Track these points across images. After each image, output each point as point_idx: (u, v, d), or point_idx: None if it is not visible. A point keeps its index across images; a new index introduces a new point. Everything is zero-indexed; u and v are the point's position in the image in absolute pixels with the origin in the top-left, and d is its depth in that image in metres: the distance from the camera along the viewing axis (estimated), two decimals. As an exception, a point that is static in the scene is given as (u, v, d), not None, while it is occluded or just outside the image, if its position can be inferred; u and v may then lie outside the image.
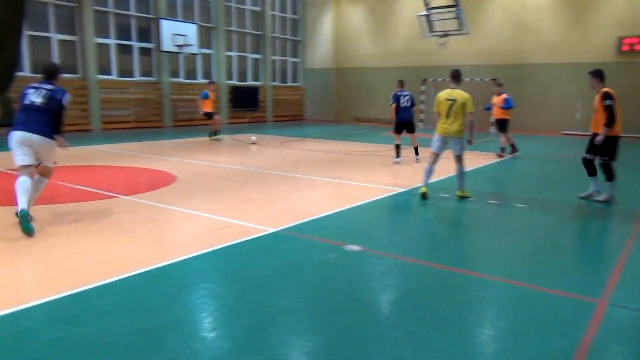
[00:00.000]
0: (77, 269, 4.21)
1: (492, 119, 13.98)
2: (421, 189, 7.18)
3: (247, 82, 23.42)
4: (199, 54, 20.49)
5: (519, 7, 20.11)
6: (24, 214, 5.05)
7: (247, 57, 23.33)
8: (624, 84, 15.50)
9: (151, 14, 18.97)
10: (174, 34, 18.79)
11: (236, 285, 3.99)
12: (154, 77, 19.34)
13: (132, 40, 18.64)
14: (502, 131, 12.10)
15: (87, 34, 16.86)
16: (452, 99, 7.02)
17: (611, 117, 6.63)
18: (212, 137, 14.73)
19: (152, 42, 19.14)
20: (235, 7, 22.38)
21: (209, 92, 14.60)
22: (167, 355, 2.88)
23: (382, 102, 23.31)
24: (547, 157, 12.71)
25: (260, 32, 23.59)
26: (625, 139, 7.65)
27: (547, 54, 19.49)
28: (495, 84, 12.79)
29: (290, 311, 3.51)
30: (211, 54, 21.51)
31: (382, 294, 3.94)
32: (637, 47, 17.70)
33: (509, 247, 5.21)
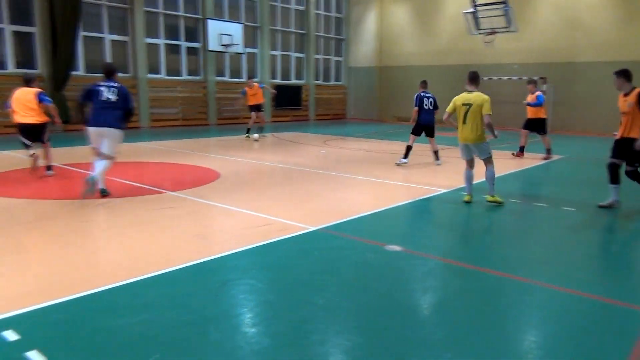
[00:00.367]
0: (124, 262, 4.38)
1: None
2: (464, 197, 6.85)
3: (290, 80, 23.61)
4: (244, 53, 20.81)
5: (570, 3, 19.40)
6: (93, 179, 6.39)
7: (290, 56, 23.52)
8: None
9: (199, 14, 19.41)
10: (220, 34, 19.17)
11: (276, 282, 4.05)
12: (200, 76, 19.78)
13: (180, 40, 19.14)
14: (542, 133, 11.41)
15: (137, 34, 17.42)
16: (468, 103, 6.61)
17: None
18: (248, 135, 14.96)
19: (199, 42, 19.58)
20: (280, 6, 22.59)
21: (246, 89, 14.92)
22: (208, 348, 2.96)
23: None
24: (597, 160, 12.22)
25: (304, 31, 23.73)
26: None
27: (599, 51, 18.72)
28: (528, 82, 11.91)
29: (329, 309, 3.53)
30: (256, 53, 21.80)
31: (422, 296, 3.91)
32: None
33: (554, 251, 5.05)
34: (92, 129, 6.62)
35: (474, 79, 6.76)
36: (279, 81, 22.93)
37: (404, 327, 3.29)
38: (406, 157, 10.18)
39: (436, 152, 10.43)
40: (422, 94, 10.29)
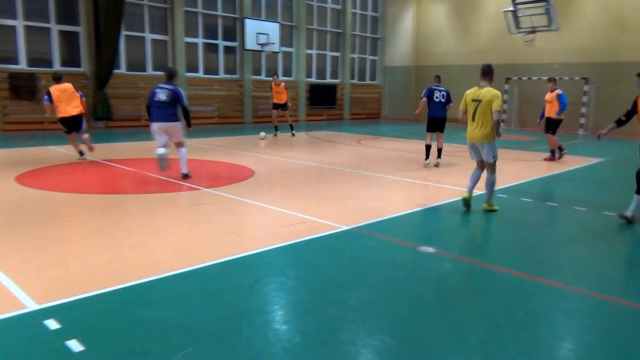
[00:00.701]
0: (162, 256, 4.49)
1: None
2: (464, 194, 6.42)
3: (325, 79, 23.65)
4: (280, 52, 20.96)
5: (615, 1, 18.72)
6: (162, 155, 7.72)
7: (326, 55, 23.55)
8: None
9: (236, 14, 19.67)
10: (258, 33, 19.37)
11: (308, 280, 4.08)
12: (237, 74, 20.04)
13: (218, 39, 19.44)
14: (551, 132, 11.00)
15: (177, 33, 17.78)
16: (478, 99, 6.16)
17: None
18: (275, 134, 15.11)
19: (236, 41, 19.84)
20: (316, 5, 22.65)
21: (273, 85, 15.12)
22: (241, 343, 3.01)
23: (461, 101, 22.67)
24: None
25: (340, 30, 23.73)
26: None
27: (647, 51, 18.03)
28: (547, 80, 11.48)
29: (361, 309, 3.54)
30: (292, 52, 21.93)
31: (455, 299, 3.86)
32: None
33: (590, 256, 4.91)
34: (153, 125, 7.83)
35: (487, 73, 6.29)
36: (314, 80, 23.00)
37: (436, 329, 3.27)
38: (427, 157, 9.94)
39: (440, 150, 10.00)
40: (434, 87, 9.84)
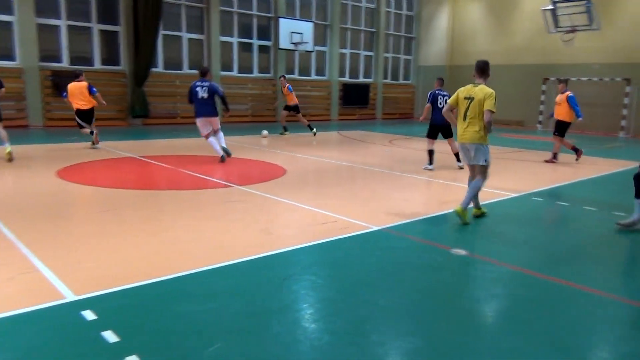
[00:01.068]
0: (194, 251, 4.57)
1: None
2: (456, 208, 5.76)
3: (358, 79, 23.59)
4: (313, 51, 21.01)
5: (663, -1, 18.05)
6: (225, 150, 9.62)
7: (359, 54, 23.48)
8: None
9: (271, 13, 19.81)
10: (292, 32, 19.47)
11: (338, 279, 4.08)
12: (270, 73, 20.19)
13: (252, 38, 19.63)
14: (559, 135, 10.69)
15: (213, 32, 18.04)
16: (470, 97, 5.68)
17: None
18: (283, 133, 15.08)
19: (270, 40, 19.99)
20: (351, 4, 22.60)
21: (283, 84, 15.22)
22: (270, 340, 3.04)
23: (498, 101, 22.20)
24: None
25: (374, 29, 23.62)
26: None
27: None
28: (558, 81, 11.09)
29: (390, 310, 3.52)
30: (325, 51, 21.96)
31: (488, 303, 3.80)
32: None
33: (630, 264, 4.75)
34: (198, 119, 9.53)
35: (482, 69, 5.76)
36: (347, 79, 22.97)
37: (467, 334, 3.22)
38: (431, 162, 9.47)
39: (457, 155, 9.59)
40: (438, 92, 9.50)
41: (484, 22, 23.30)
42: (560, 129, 10.75)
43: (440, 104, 9.36)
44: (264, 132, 14.59)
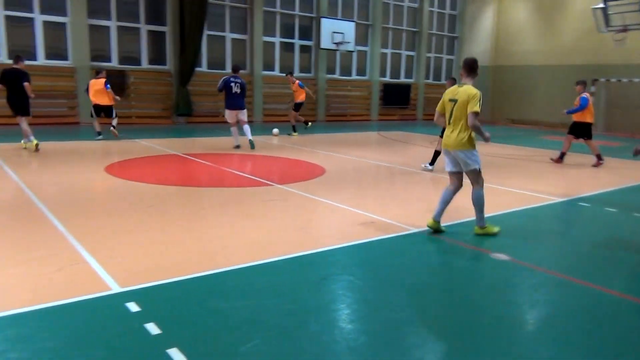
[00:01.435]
0: (235, 248, 4.66)
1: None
2: (428, 221, 5.32)
3: (399, 79, 23.39)
4: (355, 51, 20.97)
5: None
6: (251, 142, 11.04)
7: (401, 54, 23.28)
8: None
9: (313, 13, 19.90)
10: (333, 32, 19.49)
11: (375, 280, 4.07)
12: (311, 73, 20.28)
13: (294, 38, 19.77)
14: (587, 139, 10.44)
15: (256, 32, 18.27)
16: (455, 98, 5.14)
17: None
18: (293, 133, 14.65)
19: (312, 40, 20.08)
20: (393, 4, 22.44)
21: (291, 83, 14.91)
22: (306, 338, 3.06)
23: (543, 103, 21.62)
24: None
25: (416, 29, 23.36)
26: None
27: None
28: (576, 83, 10.70)
29: (428, 314, 3.49)
30: (366, 51, 21.88)
31: (529, 310, 3.71)
32: None
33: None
34: (228, 111, 11.15)
35: (470, 67, 5.21)
36: (387, 79, 22.81)
37: (506, 341, 3.16)
38: (432, 163, 9.19)
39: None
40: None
41: (530, 21, 22.68)
42: (583, 131, 10.53)
43: None
44: (275, 131, 14.36)
